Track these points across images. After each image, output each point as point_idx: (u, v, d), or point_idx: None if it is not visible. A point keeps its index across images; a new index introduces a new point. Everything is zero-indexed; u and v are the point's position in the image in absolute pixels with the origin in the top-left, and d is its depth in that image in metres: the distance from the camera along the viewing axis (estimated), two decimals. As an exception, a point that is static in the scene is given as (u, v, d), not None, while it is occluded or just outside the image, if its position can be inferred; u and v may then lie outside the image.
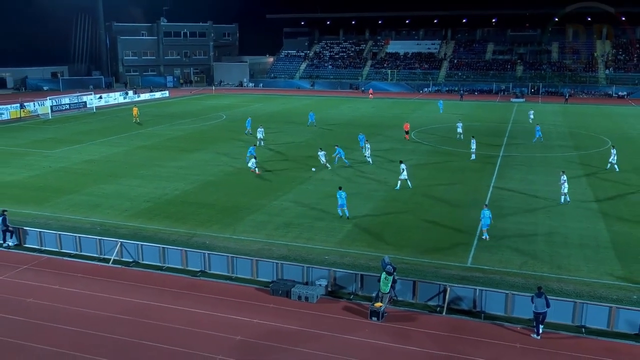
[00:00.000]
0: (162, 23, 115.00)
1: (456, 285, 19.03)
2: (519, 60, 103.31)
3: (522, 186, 33.00)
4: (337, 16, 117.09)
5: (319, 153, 36.99)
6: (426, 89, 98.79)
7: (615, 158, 36.41)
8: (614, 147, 37.92)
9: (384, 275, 18.27)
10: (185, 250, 22.00)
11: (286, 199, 30.56)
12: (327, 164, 36.64)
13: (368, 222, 26.72)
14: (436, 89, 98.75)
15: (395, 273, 18.58)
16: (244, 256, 21.54)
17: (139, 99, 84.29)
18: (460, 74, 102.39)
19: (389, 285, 18.23)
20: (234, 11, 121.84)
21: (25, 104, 66.77)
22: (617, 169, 36.19)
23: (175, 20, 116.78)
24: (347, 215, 26.93)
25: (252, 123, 51.65)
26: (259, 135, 45.52)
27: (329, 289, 19.76)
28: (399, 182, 32.13)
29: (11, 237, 24.14)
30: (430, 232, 25.48)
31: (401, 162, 32.89)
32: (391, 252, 22.69)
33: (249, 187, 32.87)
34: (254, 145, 40.48)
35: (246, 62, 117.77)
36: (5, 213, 24.27)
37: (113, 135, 50.94)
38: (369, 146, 38.85)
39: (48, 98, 68.31)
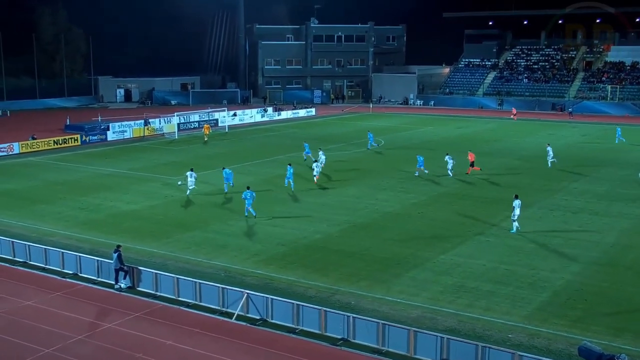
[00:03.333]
0: (312, 25, 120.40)
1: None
2: None
3: None
4: (538, 14, 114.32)
5: (188, 173, 40.73)
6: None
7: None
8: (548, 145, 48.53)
9: None
10: (325, 311, 22.36)
11: (459, 252, 30.07)
12: (188, 191, 40.68)
13: (571, 291, 25.36)
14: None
15: None
16: (398, 324, 21.43)
17: (279, 117, 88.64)
18: None
19: None
20: (401, 9, 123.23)
21: (150, 120, 73.65)
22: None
23: (328, 21, 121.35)
24: (254, 214, 35.29)
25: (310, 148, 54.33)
26: (317, 163, 46.26)
27: (513, 380, 18.93)
28: (513, 223, 33.19)
29: (124, 278, 26.34)
30: (663, 312, 23.45)
31: (516, 196, 33.23)
32: (604, 336, 21.29)
33: (411, 234, 32.81)
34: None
35: (414, 73, 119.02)
36: (120, 249, 26.55)
37: (245, 161, 53.91)
38: (450, 162, 46.71)
39: (175, 114, 74.71)
